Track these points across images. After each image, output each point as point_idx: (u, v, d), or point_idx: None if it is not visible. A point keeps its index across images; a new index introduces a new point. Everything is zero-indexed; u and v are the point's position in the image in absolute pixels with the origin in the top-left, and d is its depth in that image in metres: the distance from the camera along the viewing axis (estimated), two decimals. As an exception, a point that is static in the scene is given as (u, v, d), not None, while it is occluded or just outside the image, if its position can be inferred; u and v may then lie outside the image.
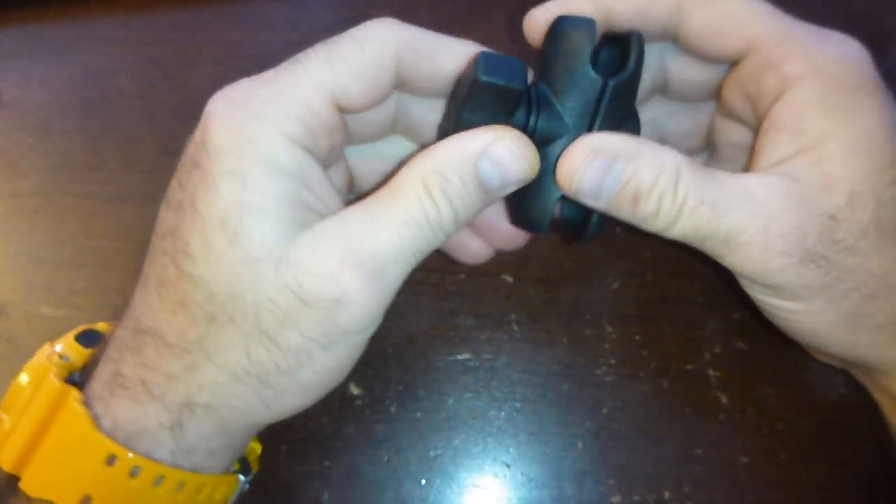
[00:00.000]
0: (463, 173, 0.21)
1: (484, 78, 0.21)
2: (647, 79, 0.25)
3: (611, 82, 0.22)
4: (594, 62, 0.22)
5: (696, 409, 0.31)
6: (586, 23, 0.22)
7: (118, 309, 0.23)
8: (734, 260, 0.22)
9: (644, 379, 0.31)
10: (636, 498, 0.29)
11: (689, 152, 0.28)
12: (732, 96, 0.25)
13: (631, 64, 0.22)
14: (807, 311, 0.23)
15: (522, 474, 0.30)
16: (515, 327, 0.32)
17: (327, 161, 0.24)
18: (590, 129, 0.23)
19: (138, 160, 0.36)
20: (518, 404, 0.31)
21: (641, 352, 0.31)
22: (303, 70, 0.22)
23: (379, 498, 0.30)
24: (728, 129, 0.27)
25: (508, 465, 0.30)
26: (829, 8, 0.36)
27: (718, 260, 0.23)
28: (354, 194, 0.29)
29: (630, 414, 0.31)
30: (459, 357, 0.32)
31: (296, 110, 0.21)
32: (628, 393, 0.31)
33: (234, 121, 0.21)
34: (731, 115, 0.26)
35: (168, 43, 0.39)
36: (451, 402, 0.31)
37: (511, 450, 0.30)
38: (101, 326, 0.25)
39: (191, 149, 0.22)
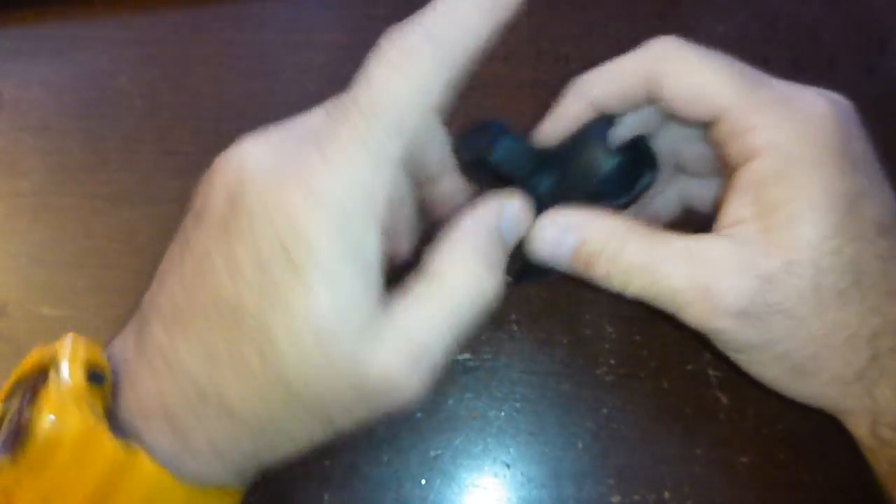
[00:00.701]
0: (494, 240, 0.23)
1: (496, 161, 0.25)
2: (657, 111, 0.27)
3: (606, 202, 0.25)
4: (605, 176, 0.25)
5: (696, 409, 0.31)
6: (612, 151, 0.25)
7: (118, 308, 0.23)
8: (682, 317, 0.24)
9: (644, 379, 0.31)
10: (636, 498, 0.29)
11: (705, 175, 0.29)
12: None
13: (630, 197, 0.25)
14: (755, 364, 0.24)
15: (522, 474, 0.30)
16: (515, 327, 0.32)
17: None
18: None
19: (138, 160, 0.36)
20: (518, 404, 0.31)
21: (641, 352, 0.31)
22: (375, 144, 0.21)
23: (379, 498, 0.30)
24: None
25: (508, 465, 0.30)
26: (829, 8, 0.36)
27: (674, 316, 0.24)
28: None
29: (630, 414, 0.31)
30: (459, 357, 0.32)
31: (385, 194, 0.21)
32: (628, 393, 0.31)
33: (329, 216, 0.20)
34: None
35: (168, 43, 0.39)
36: (451, 402, 0.31)
37: (511, 450, 0.30)
38: (98, 359, 0.23)
39: (271, 230, 0.20)
